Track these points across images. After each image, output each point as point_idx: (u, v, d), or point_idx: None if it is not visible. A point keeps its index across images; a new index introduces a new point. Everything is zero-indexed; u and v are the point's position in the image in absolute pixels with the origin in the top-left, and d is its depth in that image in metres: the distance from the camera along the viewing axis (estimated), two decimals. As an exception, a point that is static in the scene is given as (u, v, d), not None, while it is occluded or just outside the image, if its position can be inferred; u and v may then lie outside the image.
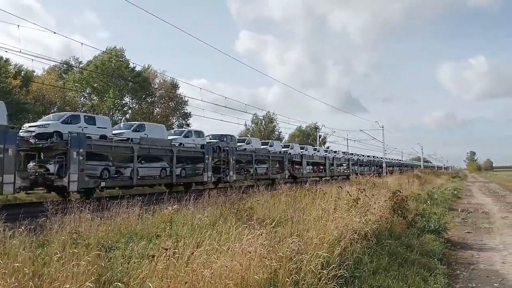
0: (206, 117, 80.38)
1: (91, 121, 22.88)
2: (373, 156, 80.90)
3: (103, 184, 22.05)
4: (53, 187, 20.36)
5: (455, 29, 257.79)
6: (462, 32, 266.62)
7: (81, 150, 20.23)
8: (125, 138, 24.64)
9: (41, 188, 20.67)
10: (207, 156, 29.78)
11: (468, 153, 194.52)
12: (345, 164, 62.49)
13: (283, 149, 43.84)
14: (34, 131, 20.57)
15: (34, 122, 24.44)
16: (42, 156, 21.41)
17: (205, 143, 31.00)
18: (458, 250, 10.55)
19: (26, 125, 22.44)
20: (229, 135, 35.69)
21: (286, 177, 39.38)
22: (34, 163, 20.70)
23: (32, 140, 20.18)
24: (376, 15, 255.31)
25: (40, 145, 20.34)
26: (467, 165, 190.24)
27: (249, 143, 37.97)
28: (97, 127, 22.68)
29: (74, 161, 19.85)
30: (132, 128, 26.06)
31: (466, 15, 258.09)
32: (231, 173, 31.90)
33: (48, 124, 21.01)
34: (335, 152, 62.52)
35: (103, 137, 22.90)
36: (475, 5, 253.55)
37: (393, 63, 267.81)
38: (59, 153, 20.49)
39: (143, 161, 25.69)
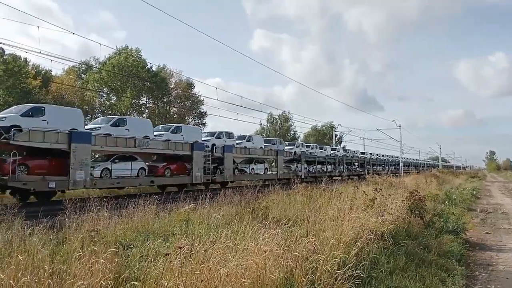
0: (221, 116, 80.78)
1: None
2: (390, 156, 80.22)
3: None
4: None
5: (472, 25, 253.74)
6: (479, 28, 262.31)
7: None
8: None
9: None
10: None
11: (487, 152, 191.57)
12: (361, 164, 62.08)
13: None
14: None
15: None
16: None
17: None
18: (477, 251, 10.38)
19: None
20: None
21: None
22: None
23: None
24: (392, 13, 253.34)
25: None
26: (486, 164, 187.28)
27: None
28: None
29: None
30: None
31: (484, 11, 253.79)
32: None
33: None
34: (352, 151, 62.18)
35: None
36: (493, 1, 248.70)
37: (409, 61, 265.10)
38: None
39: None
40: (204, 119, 58.41)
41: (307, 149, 46.01)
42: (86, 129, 21.88)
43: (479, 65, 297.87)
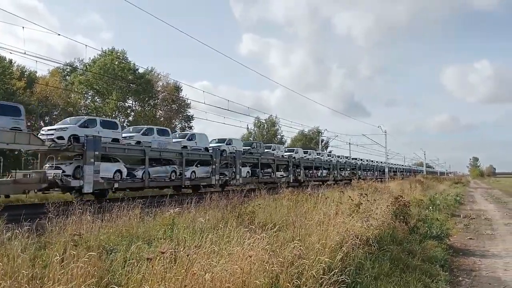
0: (208, 120, 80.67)
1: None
2: (376, 161, 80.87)
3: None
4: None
5: (460, 32, 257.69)
6: (467, 35, 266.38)
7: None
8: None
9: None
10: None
11: (471, 158, 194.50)
12: (347, 169, 62.48)
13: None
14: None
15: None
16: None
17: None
18: (460, 257, 10.48)
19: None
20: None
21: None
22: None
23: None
24: (381, 18, 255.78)
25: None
26: (469, 170, 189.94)
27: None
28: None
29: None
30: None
31: (471, 18, 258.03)
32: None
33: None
34: (337, 156, 62.62)
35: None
36: (480, 8, 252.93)
37: (397, 66, 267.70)
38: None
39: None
40: (191, 123, 58.28)
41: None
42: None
43: (465, 71, 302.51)
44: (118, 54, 50.18)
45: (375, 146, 70.74)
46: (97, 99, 50.81)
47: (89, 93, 50.11)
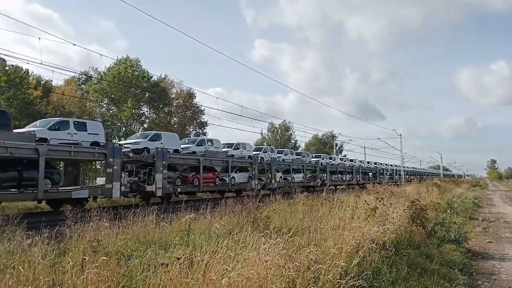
0: (222, 126, 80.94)
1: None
2: (391, 165, 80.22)
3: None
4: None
5: (474, 34, 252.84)
6: (481, 37, 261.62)
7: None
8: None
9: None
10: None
11: (488, 161, 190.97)
12: (362, 173, 62.05)
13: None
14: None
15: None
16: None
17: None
18: (479, 260, 10.32)
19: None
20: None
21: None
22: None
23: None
24: (393, 21, 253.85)
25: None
26: (487, 173, 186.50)
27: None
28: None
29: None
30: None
31: (485, 19, 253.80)
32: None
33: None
34: (351, 160, 62.26)
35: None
36: (494, 10, 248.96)
37: (409, 69, 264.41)
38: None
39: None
40: (205, 129, 58.61)
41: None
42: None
43: (480, 73, 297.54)
44: (132, 62, 50.77)
45: (391, 150, 70.13)
46: (112, 107, 51.43)
47: (104, 101, 50.75)
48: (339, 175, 52.74)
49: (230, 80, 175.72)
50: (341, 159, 60.17)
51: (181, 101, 56.03)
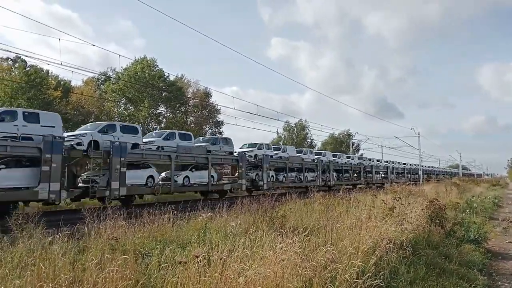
0: (238, 125, 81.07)
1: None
2: (409, 164, 79.28)
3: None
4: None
5: (495, 30, 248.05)
6: (502, 32, 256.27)
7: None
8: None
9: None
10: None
11: (509, 160, 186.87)
12: (380, 172, 61.47)
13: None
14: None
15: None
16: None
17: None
18: (499, 261, 10.14)
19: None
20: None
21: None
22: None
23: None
24: (412, 17, 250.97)
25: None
26: (508, 172, 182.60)
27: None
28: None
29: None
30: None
31: (506, 14, 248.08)
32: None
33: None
34: (369, 159, 61.71)
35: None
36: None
37: (429, 66, 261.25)
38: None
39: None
40: (221, 128, 58.82)
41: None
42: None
43: (502, 70, 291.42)
44: (148, 62, 51.23)
45: (409, 149, 69.23)
46: (130, 107, 51.98)
47: (122, 101, 51.32)
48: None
49: (245, 79, 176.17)
50: (359, 158, 59.62)
51: (197, 100, 56.33)
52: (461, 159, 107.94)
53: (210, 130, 58.29)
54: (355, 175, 51.85)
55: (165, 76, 51.49)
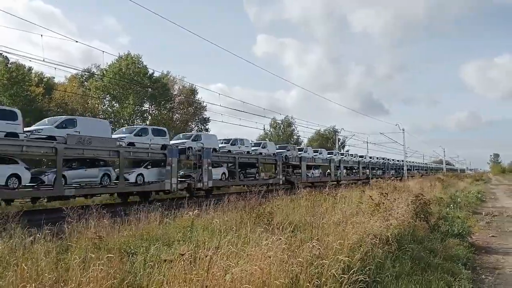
0: (224, 122, 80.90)
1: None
2: (394, 160, 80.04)
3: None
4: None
5: (480, 27, 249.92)
6: (487, 30, 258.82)
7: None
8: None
9: None
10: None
11: (491, 155, 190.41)
12: (364, 168, 61.89)
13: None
14: None
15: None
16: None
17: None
18: (483, 255, 10.30)
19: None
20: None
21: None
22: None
23: None
24: (399, 14, 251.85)
25: None
26: (490, 167, 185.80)
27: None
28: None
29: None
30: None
31: (492, 13, 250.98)
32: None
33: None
34: (352, 155, 62.05)
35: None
36: (501, 3, 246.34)
37: (416, 63, 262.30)
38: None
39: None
40: (207, 125, 58.58)
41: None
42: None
43: (486, 67, 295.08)
44: (133, 59, 50.67)
45: (394, 145, 69.86)
46: (115, 104, 51.40)
47: (106, 98, 50.72)
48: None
49: (231, 75, 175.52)
50: (342, 154, 59.87)
51: (183, 97, 55.98)
52: (445, 155, 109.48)
53: (196, 127, 58.03)
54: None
55: (150, 73, 51.01)
